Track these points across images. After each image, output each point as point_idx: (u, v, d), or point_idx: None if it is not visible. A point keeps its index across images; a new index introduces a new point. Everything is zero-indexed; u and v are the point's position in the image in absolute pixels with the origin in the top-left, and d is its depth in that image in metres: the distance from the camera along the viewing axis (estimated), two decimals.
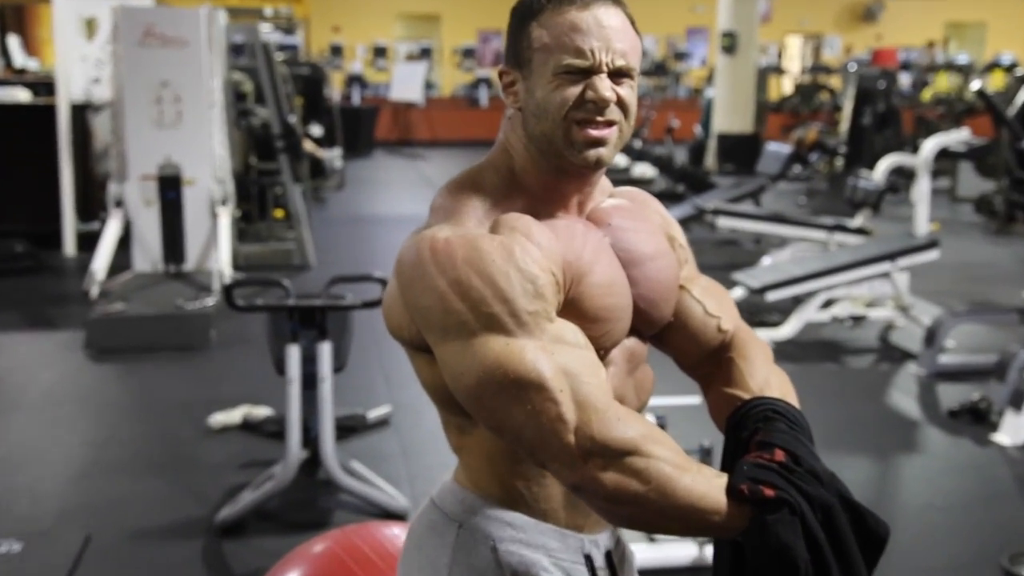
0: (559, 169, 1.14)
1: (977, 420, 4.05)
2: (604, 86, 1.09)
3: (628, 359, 1.20)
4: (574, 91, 1.10)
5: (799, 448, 1.08)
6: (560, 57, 1.10)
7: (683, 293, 1.27)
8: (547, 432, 1.01)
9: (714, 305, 1.29)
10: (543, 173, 1.15)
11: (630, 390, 1.21)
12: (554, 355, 1.03)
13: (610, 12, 1.11)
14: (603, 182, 1.25)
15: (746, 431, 1.15)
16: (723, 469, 1.14)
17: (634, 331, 1.19)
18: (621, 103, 1.12)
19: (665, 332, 1.27)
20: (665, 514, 1.02)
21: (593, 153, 1.11)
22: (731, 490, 1.03)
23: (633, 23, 1.14)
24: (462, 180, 1.17)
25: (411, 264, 1.08)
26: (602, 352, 1.13)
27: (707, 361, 1.29)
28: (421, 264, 1.07)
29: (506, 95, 1.17)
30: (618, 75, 1.11)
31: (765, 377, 1.24)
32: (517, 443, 1.04)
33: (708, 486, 1.02)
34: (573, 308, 1.10)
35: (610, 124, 1.11)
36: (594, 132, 1.10)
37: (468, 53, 18.31)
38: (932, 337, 4.66)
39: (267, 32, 7.67)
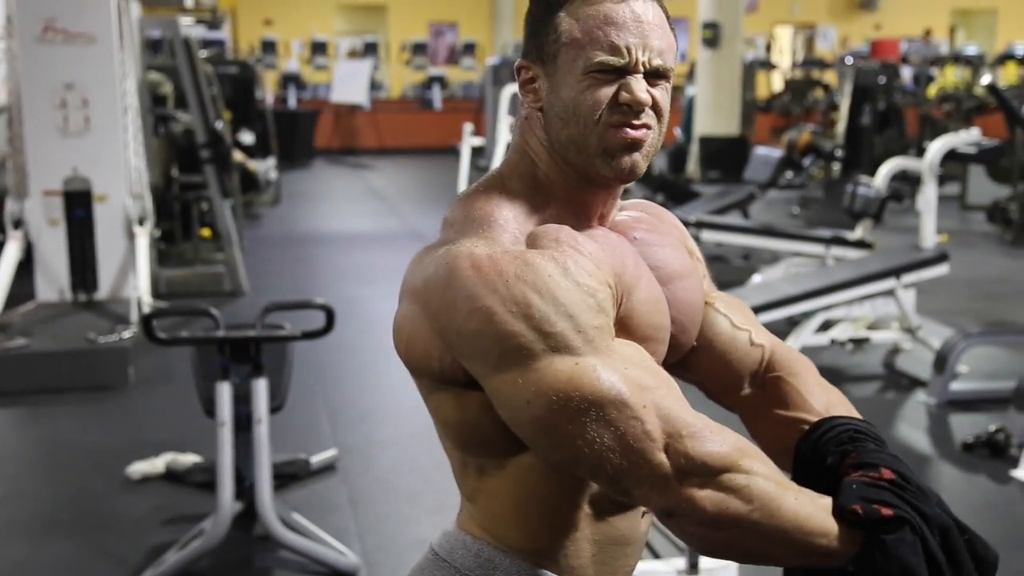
0: (586, 178, 1.16)
1: (994, 454, 4.13)
2: (640, 87, 1.11)
3: None
4: (606, 92, 1.11)
5: (902, 467, 1.12)
6: (593, 54, 1.10)
7: (706, 308, 1.31)
8: (635, 453, 1.02)
9: (741, 318, 1.33)
10: (568, 181, 1.17)
11: None
12: (628, 370, 1.05)
13: (648, 5, 1.13)
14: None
15: (831, 456, 1.16)
16: None
17: None
18: (656, 107, 1.13)
19: (690, 357, 1.29)
20: (769, 537, 1.03)
21: (628, 160, 1.13)
22: (841, 511, 1.05)
23: (669, 19, 1.16)
24: (484, 189, 1.18)
25: (446, 284, 1.07)
26: None
27: (744, 384, 1.31)
28: (462, 283, 1.06)
29: (524, 93, 1.17)
30: (655, 76, 1.13)
31: (826, 395, 1.27)
32: (597, 472, 1.04)
33: (814, 506, 1.05)
34: (624, 326, 1.12)
35: (646, 127, 1.13)
36: (632, 133, 1.12)
37: (418, 49, 18.42)
38: (943, 362, 4.75)
39: (188, 26, 7.68)
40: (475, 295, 1.05)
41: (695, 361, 1.30)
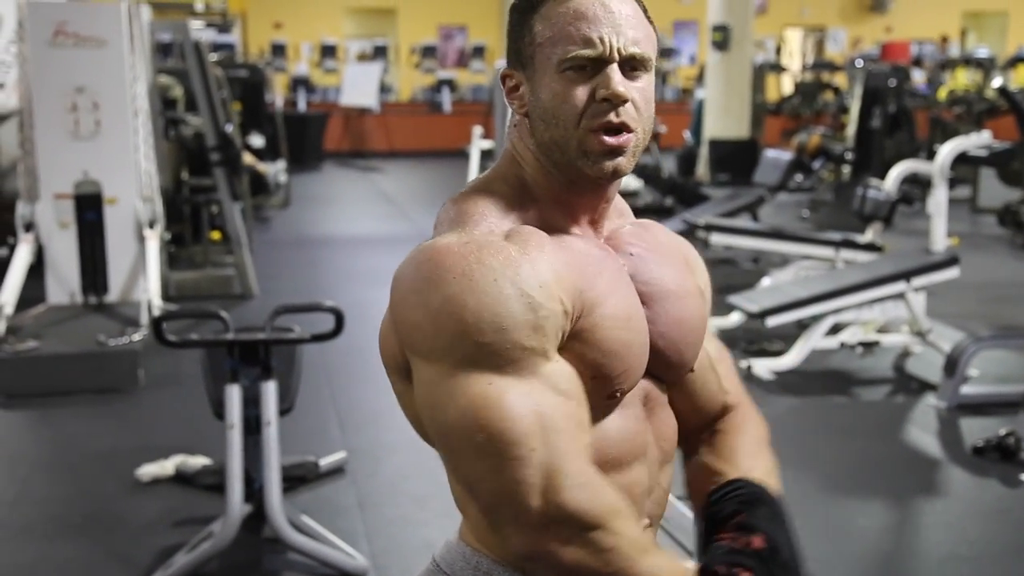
0: (571, 180, 1.17)
1: (1005, 458, 4.11)
2: (616, 79, 1.11)
3: (644, 402, 1.21)
4: (584, 91, 1.12)
5: (780, 538, 1.16)
6: (566, 48, 1.11)
7: (702, 356, 1.30)
8: (508, 491, 1.02)
9: (726, 376, 1.35)
10: (554, 184, 1.18)
11: (650, 436, 1.22)
12: (539, 405, 1.04)
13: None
14: (621, 204, 1.29)
15: (727, 510, 1.21)
16: (699, 544, 1.22)
17: (650, 374, 1.21)
18: (635, 102, 1.13)
19: (671, 393, 1.28)
20: None
21: (610, 164, 1.13)
22: (705, 571, 1.09)
23: (645, 11, 1.17)
24: (468, 191, 1.20)
25: (407, 276, 1.11)
26: (618, 393, 1.15)
27: (701, 424, 1.34)
28: (417, 275, 1.09)
29: (510, 100, 1.19)
30: (631, 67, 1.13)
31: (755, 459, 1.30)
32: (472, 496, 1.07)
33: (672, 570, 1.07)
34: (583, 339, 1.11)
35: (627, 130, 1.13)
36: (611, 140, 1.12)
37: (428, 52, 18.45)
38: (953, 365, 4.74)
39: (198, 30, 7.72)
40: (423, 288, 1.07)
41: (675, 401, 1.29)
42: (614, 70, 1.11)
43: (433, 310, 1.06)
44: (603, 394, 1.14)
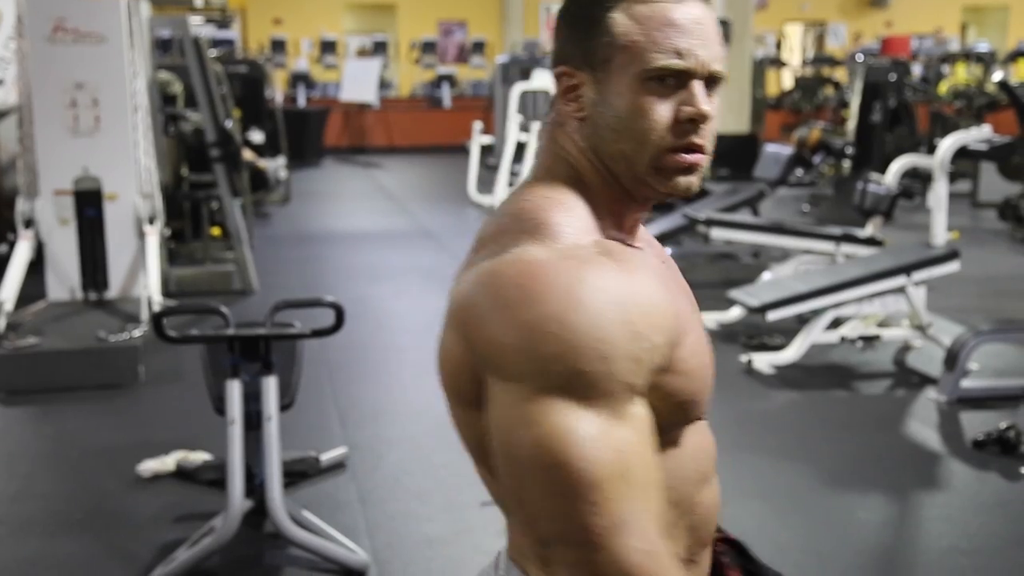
0: (629, 192, 1.09)
1: (1005, 451, 4.11)
2: (703, 97, 1.04)
3: (709, 453, 1.16)
4: (666, 107, 1.04)
5: None
6: (654, 57, 1.02)
7: None
8: (572, 534, 0.95)
9: None
10: (611, 193, 1.09)
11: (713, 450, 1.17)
12: (623, 450, 0.95)
13: (704, 9, 1.06)
14: None
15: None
16: None
17: None
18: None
19: None
20: None
21: (684, 181, 1.07)
22: None
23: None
24: (531, 196, 1.07)
25: (491, 291, 0.98)
26: (701, 416, 1.10)
27: None
28: (509, 290, 0.97)
29: (565, 101, 1.09)
30: (709, 84, 1.06)
31: None
32: (530, 527, 0.99)
33: None
34: (675, 369, 1.03)
35: (702, 151, 1.07)
36: (689, 158, 1.06)
37: (428, 47, 18.43)
38: (954, 359, 4.74)
39: (198, 25, 7.70)
40: (515, 303, 0.96)
41: None
42: (700, 87, 1.04)
43: (528, 328, 0.95)
44: (687, 419, 1.09)
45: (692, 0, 1.05)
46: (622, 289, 0.98)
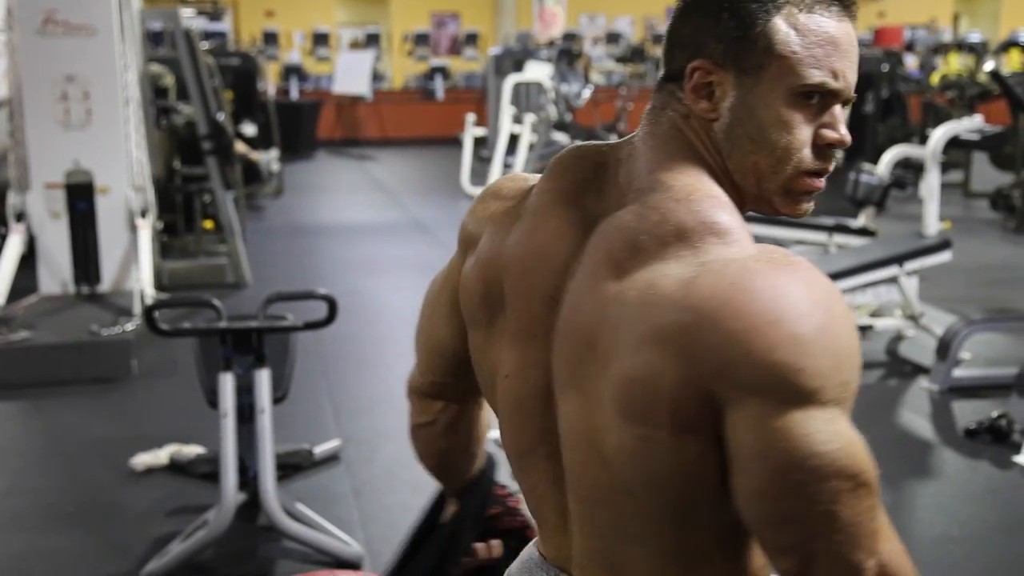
0: (742, 206, 1.04)
1: (997, 440, 4.13)
2: (844, 123, 1.02)
3: None
4: (808, 127, 1.00)
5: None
6: (811, 73, 0.98)
7: None
8: (860, 542, 0.91)
9: None
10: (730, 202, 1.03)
11: None
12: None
13: (854, 30, 1.02)
14: None
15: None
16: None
17: None
18: None
19: None
20: None
21: (807, 206, 1.05)
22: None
23: None
24: (693, 192, 0.99)
25: (746, 311, 0.89)
26: None
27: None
28: (807, 298, 0.90)
29: (695, 98, 1.02)
30: (845, 107, 1.04)
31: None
32: (811, 542, 0.91)
33: None
34: None
35: (829, 174, 1.04)
36: (819, 183, 1.02)
37: (421, 39, 18.39)
38: (946, 348, 4.75)
39: (189, 18, 7.69)
40: (802, 313, 0.89)
41: None
42: (842, 112, 1.01)
43: (822, 342, 0.89)
44: None
45: (850, 20, 1.01)
46: (841, 302, 0.94)
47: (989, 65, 7.82)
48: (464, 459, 1.41)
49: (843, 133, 1.01)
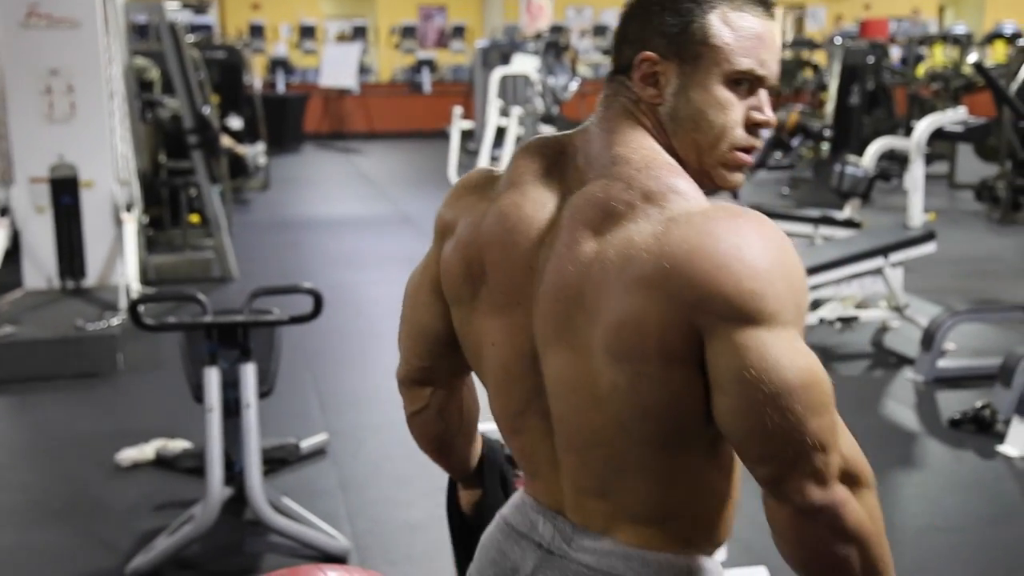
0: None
1: (981, 430, 4.15)
2: (769, 106, 1.17)
3: None
4: (740, 108, 1.15)
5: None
6: (741, 60, 1.13)
7: None
8: (826, 444, 1.05)
9: None
10: None
11: None
12: None
13: (777, 30, 1.19)
14: None
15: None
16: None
17: None
18: None
19: None
20: (871, 567, 1.09)
21: (738, 177, 1.19)
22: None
23: None
24: (651, 162, 1.13)
25: (741, 237, 1.05)
26: None
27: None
28: (757, 238, 1.05)
29: (642, 86, 1.16)
30: (770, 92, 1.19)
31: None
32: (781, 452, 1.05)
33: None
34: None
35: (755, 151, 1.20)
36: (747, 158, 1.18)
37: (408, 32, 18.33)
38: (930, 339, 4.77)
39: (174, 11, 7.64)
40: (758, 251, 1.04)
41: None
42: (767, 97, 1.16)
43: (777, 273, 1.05)
44: None
45: (770, 19, 1.17)
46: (784, 235, 1.10)
47: (972, 57, 7.84)
48: (461, 439, 1.48)
49: (769, 114, 1.17)
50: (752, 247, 1.05)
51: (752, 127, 1.16)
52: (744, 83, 1.14)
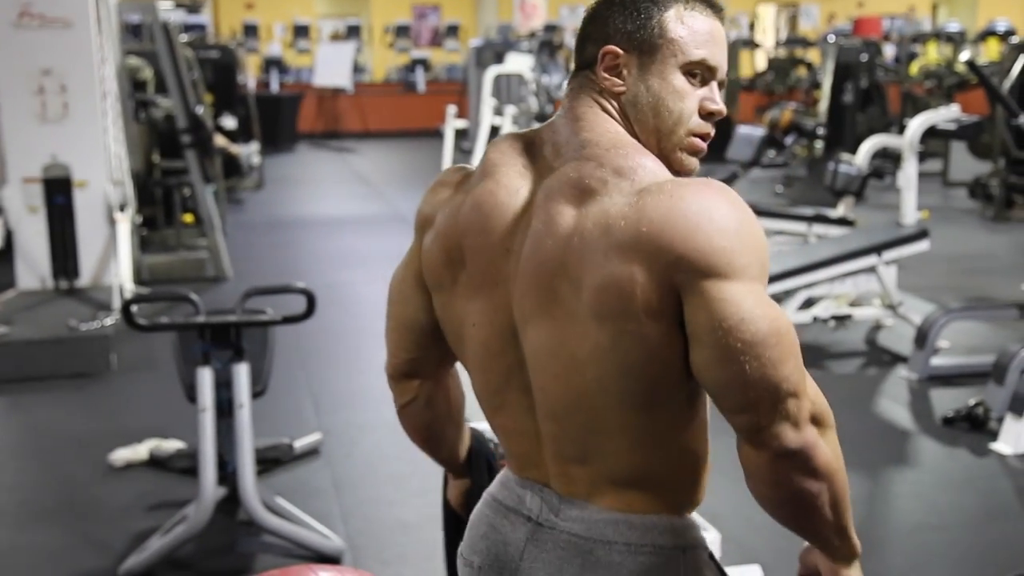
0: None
1: (974, 428, 4.16)
2: (720, 99, 1.28)
3: None
4: (695, 98, 1.26)
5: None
6: (694, 53, 1.25)
7: None
8: (798, 389, 1.15)
9: None
10: None
11: None
12: None
13: (722, 28, 1.30)
14: None
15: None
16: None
17: None
18: None
19: None
20: (837, 499, 1.19)
21: (696, 162, 1.29)
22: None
23: None
24: (621, 146, 1.23)
25: (693, 215, 1.14)
26: None
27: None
28: (720, 203, 1.15)
29: (606, 76, 1.26)
30: (720, 86, 1.29)
31: None
32: (758, 399, 1.13)
33: None
34: None
35: (710, 139, 1.30)
36: (703, 144, 1.29)
37: (402, 31, 18.32)
38: (923, 337, 4.77)
39: (167, 10, 7.61)
40: (726, 218, 1.14)
41: None
42: (717, 90, 1.28)
43: (742, 234, 1.14)
44: None
45: (718, 19, 1.29)
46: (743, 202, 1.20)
47: (965, 55, 7.84)
48: (449, 428, 1.55)
49: (720, 105, 1.28)
50: (720, 210, 1.14)
51: (706, 116, 1.27)
52: (698, 74, 1.25)
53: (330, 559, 3.11)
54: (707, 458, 1.30)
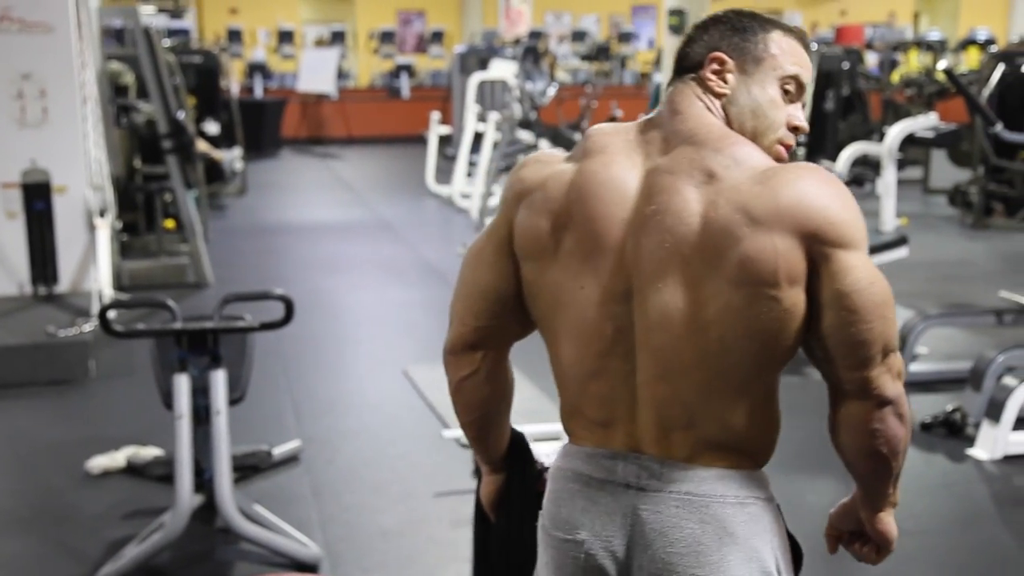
0: None
1: (951, 433, 4.18)
2: (803, 117, 1.45)
3: None
4: (784, 111, 1.43)
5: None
6: (791, 69, 1.43)
7: None
8: (897, 345, 1.34)
9: None
10: None
11: None
12: None
13: (809, 55, 1.49)
14: None
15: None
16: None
17: None
18: None
19: None
20: (906, 450, 1.39)
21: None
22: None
23: None
24: (735, 137, 1.38)
25: (826, 187, 1.33)
26: None
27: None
28: (832, 186, 1.34)
29: (711, 78, 1.42)
30: (803, 106, 1.47)
31: None
32: (875, 354, 1.32)
33: None
34: None
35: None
36: (784, 153, 1.44)
37: (386, 37, 18.33)
38: (902, 343, 4.79)
39: (150, 15, 7.60)
40: (844, 196, 1.33)
41: None
42: (801, 108, 1.45)
43: (856, 209, 1.34)
44: None
45: (806, 48, 1.47)
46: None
47: (942, 63, 7.93)
48: (503, 408, 1.59)
49: (804, 124, 1.45)
50: (839, 190, 1.34)
51: (791, 129, 1.44)
52: (790, 91, 1.43)
53: (308, 567, 3.09)
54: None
